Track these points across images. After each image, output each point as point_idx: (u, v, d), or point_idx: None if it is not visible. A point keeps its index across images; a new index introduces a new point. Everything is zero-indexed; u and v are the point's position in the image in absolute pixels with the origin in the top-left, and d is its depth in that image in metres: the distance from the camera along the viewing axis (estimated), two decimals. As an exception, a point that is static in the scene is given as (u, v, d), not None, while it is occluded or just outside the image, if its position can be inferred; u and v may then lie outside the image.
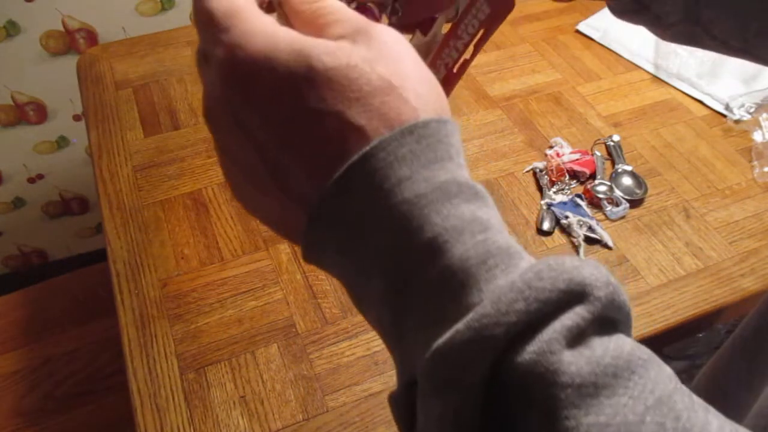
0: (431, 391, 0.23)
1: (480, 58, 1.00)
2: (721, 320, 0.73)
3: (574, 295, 0.23)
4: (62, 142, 1.40)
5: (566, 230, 0.75)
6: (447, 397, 0.23)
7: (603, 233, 0.74)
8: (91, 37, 1.27)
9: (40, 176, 1.44)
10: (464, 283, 0.24)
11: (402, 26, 0.42)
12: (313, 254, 0.28)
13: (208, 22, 0.28)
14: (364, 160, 0.25)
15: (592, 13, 1.09)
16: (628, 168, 0.82)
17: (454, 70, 0.44)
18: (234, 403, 0.61)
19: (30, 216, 1.50)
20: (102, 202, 0.79)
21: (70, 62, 1.19)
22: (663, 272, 0.71)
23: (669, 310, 0.67)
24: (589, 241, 0.74)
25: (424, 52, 0.42)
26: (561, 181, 0.81)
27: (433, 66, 0.43)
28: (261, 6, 0.30)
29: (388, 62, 0.27)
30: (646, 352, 0.25)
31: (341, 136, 0.26)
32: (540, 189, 0.81)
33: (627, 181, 0.81)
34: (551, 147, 0.86)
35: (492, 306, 0.23)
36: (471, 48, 0.43)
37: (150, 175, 0.83)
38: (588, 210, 0.77)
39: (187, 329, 0.67)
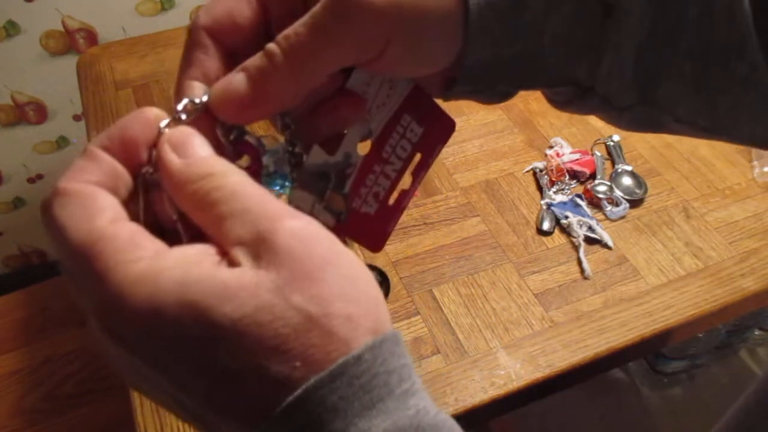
0: None
1: (480, 58, 1.00)
2: (721, 320, 0.73)
3: None
4: (62, 142, 1.40)
5: (566, 230, 0.75)
6: None
7: (603, 233, 0.74)
8: (91, 37, 1.27)
9: (40, 176, 1.44)
10: None
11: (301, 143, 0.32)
12: None
13: (66, 258, 0.23)
14: (289, 414, 0.21)
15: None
16: (628, 168, 0.82)
17: (390, 202, 0.36)
18: (234, 403, 0.61)
19: (30, 216, 1.50)
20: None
21: (70, 62, 1.19)
22: (663, 272, 0.71)
23: (669, 310, 0.67)
24: (589, 241, 0.74)
25: (336, 175, 0.33)
26: (561, 181, 0.81)
27: (357, 195, 0.35)
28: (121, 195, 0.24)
29: (304, 284, 0.22)
30: None
31: (265, 391, 0.22)
32: (540, 189, 0.81)
33: (627, 181, 0.81)
34: (551, 147, 0.86)
35: None
36: (408, 176, 0.36)
37: (150, 175, 0.83)
38: (588, 210, 0.77)
39: (187, 329, 0.67)
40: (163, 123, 0.26)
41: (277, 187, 0.32)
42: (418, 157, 0.35)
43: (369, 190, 0.35)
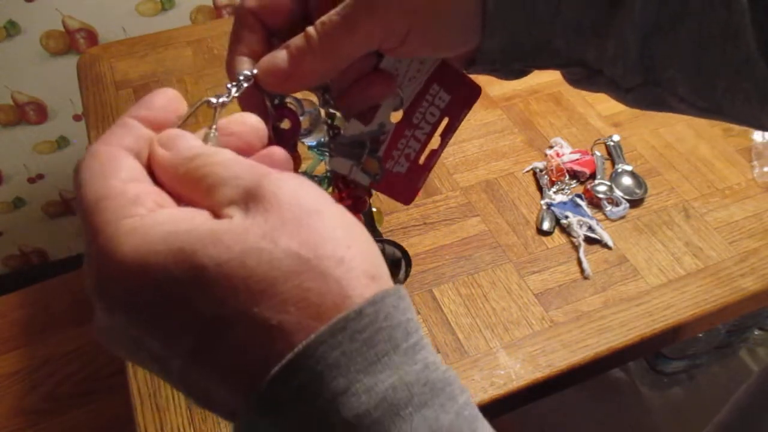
0: None
1: (480, 58, 1.00)
2: (721, 320, 0.73)
3: None
4: (62, 142, 1.40)
5: (566, 230, 0.75)
6: None
7: (603, 233, 0.74)
8: (91, 37, 1.27)
9: (40, 176, 1.44)
10: None
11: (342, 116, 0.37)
12: None
13: (80, 210, 0.23)
14: (289, 372, 0.21)
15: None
16: (628, 168, 0.82)
17: (420, 162, 0.40)
18: (234, 403, 0.61)
19: (30, 216, 1.50)
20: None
21: (70, 62, 1.19)
22: (663, 272, 0.71)
23: (669, 310, 0.67)
24: (588, 241, 0.74)
25: (370, 142, 0.38)
26: (561, 181, 0.81)
27: (389, 158, 0.39)
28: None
29: (293, 228, 0.22)
30: None
31: (257, 341, 0.21)
32: (540, 189, 0.81)
33: (627, 181, 0.81)
34: (551, 147, 0.86)
35: None
36: (437, 138, 0.39)
37: (150, 175, 0.83)
38: (588, 210, 0.77)
39: (187, 329, 0.67)
40: (217, 98, 0.29)
41: (319, 155, 0.39)
42: (445, 121, 0.39)
43: (401, 153, 0.39)
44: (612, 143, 0.85)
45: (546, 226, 0.75)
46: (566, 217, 0.75)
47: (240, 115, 0.28)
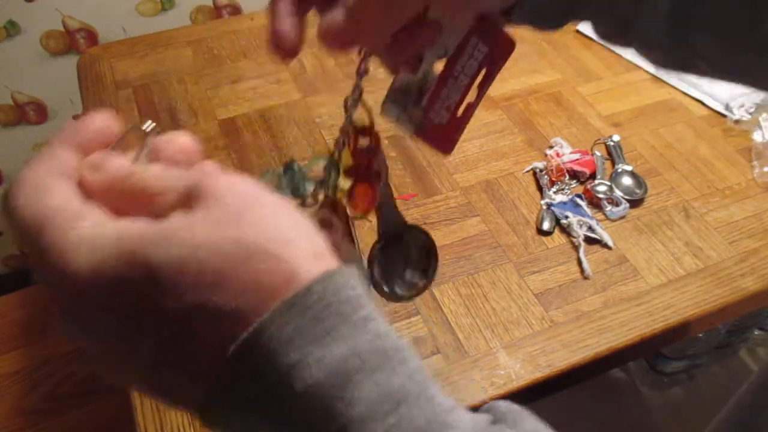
0: None
1: (480, 58, 1.00)
2: (721, 320, 0.73)
3: None
4: (62, 142, 1.40)
5: (566, 230, 0.75)
6: None
7: (603, 233, 0.74)
8: (91, 37, 1.27)
9: (40, 176, 1.44)
10: None
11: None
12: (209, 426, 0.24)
13: (22, 236, 0.23)
14: (245, 352, 0.22)
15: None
16: (628, 168, 0.82)
17: (458, 114, 0.42)
18: (234, 403, 0.61)
19: (30, 216, 1.50)
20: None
21: (70, 62, 1.19)
22: (663, 272, 0.71)
23: (669, 310, 0.67)
24: (589, 241, 0.74)
25: (416, 91, 0.41)
26: (561, 181, 0.81)
27: (432, 108, 0.41)
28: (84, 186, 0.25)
29: (237, 219, 0.22)
30: None
31: (216, 329, 0.22)
32: (540, 189, 0.81)
33: (627, 181, 0.81)
34: (551, 147, 0.86)
35: None
36: (475, 90, 0.41)
37: (150, 175, 0.83)
38: (588, 210, 0.77)
39: (187, 329, 0.67)
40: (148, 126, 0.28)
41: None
42: (483, 72, 0.41)
43: (442, 104, 0.41)
44: (612, 143, 0.85)
45: (546, 226, 0.75)
46: (566, 217, 0.75)
47: (171, 135, 0.27)
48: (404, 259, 0.50)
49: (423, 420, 0.22)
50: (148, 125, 0.28)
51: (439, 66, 0.41)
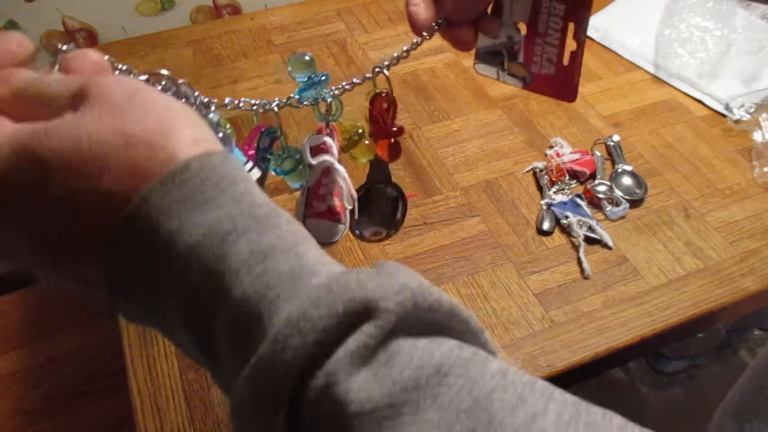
0: None
1: (480, 58, 1.00)
2: (721, 320, 0.73)
3: (357, 315, 0.21)
4: (62, 142, 1.40)
5: (566, 230, 0.75)
6: None
7: (603, 233, 0.74)
8: (91, 37, 1.27)
9: (40, 176, 1.44)
10: (250, 323, 0.22)
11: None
12: (128, 318, 0.27)
13: None
14: (130, 224, 0.24)
15: (592, 13, 1.09)
16: (628, 168, 0.82)
17: (565, 63, 0.46)
18: (234, 403, 0.61)
19: (30, 216, 1.50)
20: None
21: (70, 62, 1.19)
22: (663, 272, 0.71)
23: (669, 310, 0.67)
24: (589, 241, 0.74)
25: (507, 51, 0.46)
26: (561, 181, 0.81)
27: (532, 63, 0.46)
28: None
29: (118, 112, 0.25)
30: (469, 350, 0.23)
31: (103, 211, 0.24)
32: (540, 189, 0.81)
33: (627, 181, 0.81)
34: (551, 147, 0.86)
35: (270, 346, 0.21)
36: (571, 41, 0.44)
37: (150, 175, 0.83)
38: (588, 210, 0.77)
39: (187, 329, 0.67)
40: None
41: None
42: (571, 26, 0.44)
43: (541, 57, 0.45)
44: (612, 143, 0.85)
45: (546, 226, 0.75)
46: (566, 217, 0.75)
47: (82, 52, 0.30)
48: (378, 207, 0.57)
49: (288, 267, 0.23)
50: (66, 46, 0.30)
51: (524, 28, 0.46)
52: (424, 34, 0.44)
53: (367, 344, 0.21)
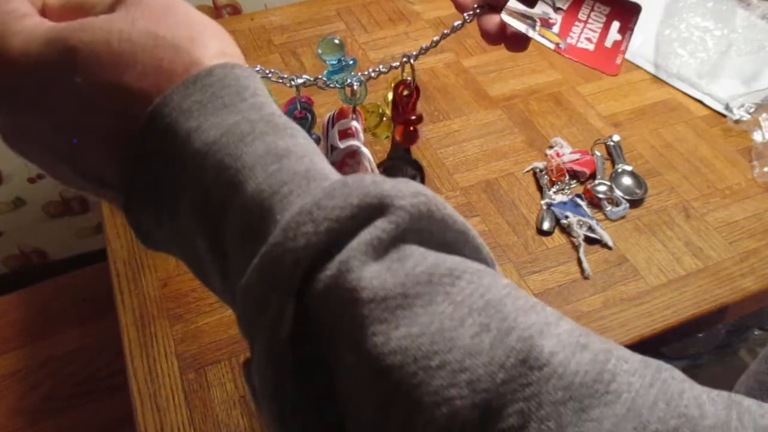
0: (246, 335, 0.23)
1: (480, 58, 1.00)
2: (722, 320, 0.73)
3: (372, 209, 0.21)
4: (62, 142, 1.40)
5: (566, 230, 0.75)
6: (257, 341, 0.22)
7: (603, 233, 0.74)
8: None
9: (41, 176, 1.44)
10: (262, 217, 0.23)
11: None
12: (139, 235, 0.27)
13: None
14: (152, 121, 0.25)
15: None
16: (628, 168, 0.82)
17: (606, 45, 0.46)
18: (234, 403, 0.61)
19: (30, 216, 1.50)
20: (102, 202, 0.79)
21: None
22: (663, 272, 0.71)
23: (669, 310, 0.67)
24: (589, 241, 0.74)
25: (541, 20, 0.46)
26: (561, 181, 0.81)
27: (567, 35, 0.46)
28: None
29: (151, 16, 0.26)
30: (481, 266, 0.23)
31: (126, 106, 0.25)
32: (540, 189, 0.81)
33: (627, 181, 0.81)
34: (551, 147, 0.86)
35: (281, 234, 0.21)
36: (616, 34, 0.46)
37: (150, 175, 0.83)
38: (588, 210, 0.77)
39: (187, 329, 0.67)
40: None
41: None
42: (616, 24, 0.45)
43: (578, 36, 0.45)
44: (612, 143, 0.85)
45: (546, 226, 0.75)
46: (566, 217, 0.75)
47: None
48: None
49: (303, 168, 0.24)
50: None
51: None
52: (465, 16, 0.45)
53: (381, 238, 0.21)
